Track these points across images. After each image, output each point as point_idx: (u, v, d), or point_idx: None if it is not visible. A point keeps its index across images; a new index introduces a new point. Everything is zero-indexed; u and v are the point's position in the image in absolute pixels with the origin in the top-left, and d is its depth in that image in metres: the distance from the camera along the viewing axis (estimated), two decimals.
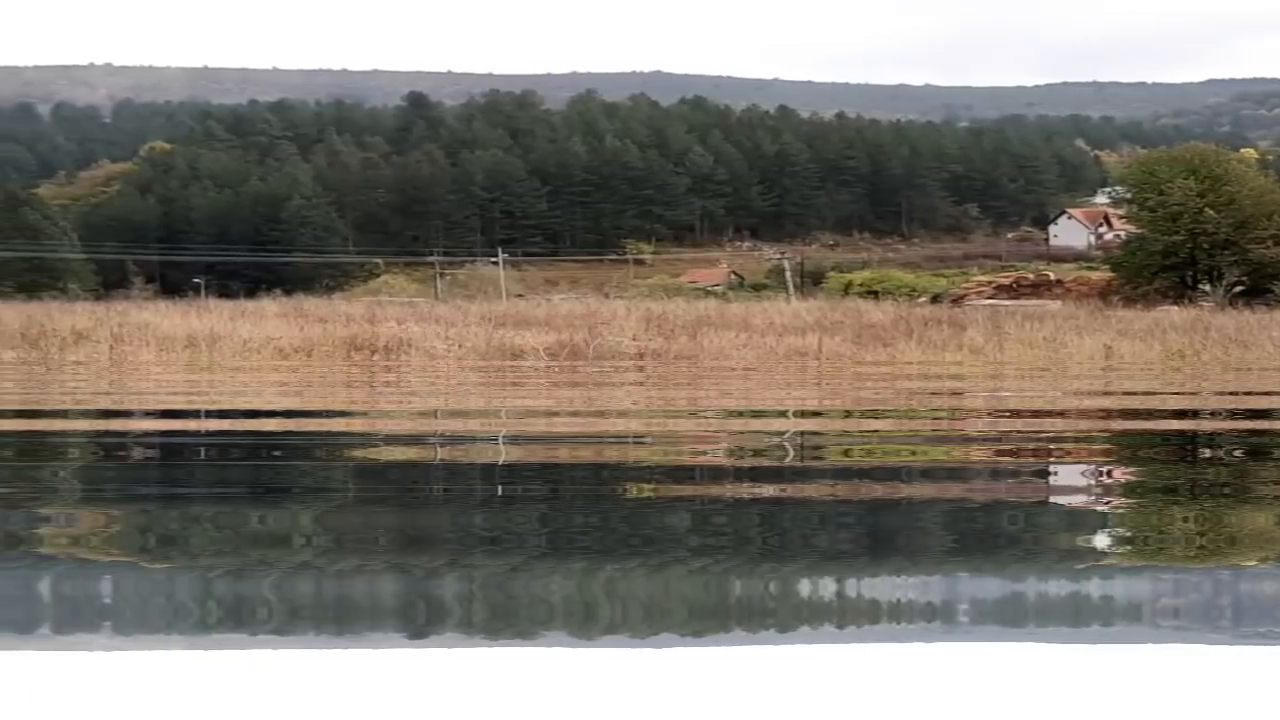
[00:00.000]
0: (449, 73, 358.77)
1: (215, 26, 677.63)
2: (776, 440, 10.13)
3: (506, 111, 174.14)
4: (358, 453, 8.99)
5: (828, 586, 4.49)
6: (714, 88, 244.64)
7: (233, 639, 3.68)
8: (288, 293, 75.73)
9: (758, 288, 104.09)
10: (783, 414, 13.77)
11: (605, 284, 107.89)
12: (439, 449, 9.50)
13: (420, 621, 3.96)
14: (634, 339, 32.77)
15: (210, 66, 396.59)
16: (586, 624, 3.96)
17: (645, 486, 7.24)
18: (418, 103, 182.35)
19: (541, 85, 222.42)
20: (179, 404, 14.85)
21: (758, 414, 13.24)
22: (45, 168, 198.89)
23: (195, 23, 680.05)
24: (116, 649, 3.50)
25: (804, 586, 4.49)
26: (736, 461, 8.70)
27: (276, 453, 9.10)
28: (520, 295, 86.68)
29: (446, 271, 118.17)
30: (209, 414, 13.14)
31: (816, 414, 13.86)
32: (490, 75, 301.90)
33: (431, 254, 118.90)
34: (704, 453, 9.27)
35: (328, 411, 13.82)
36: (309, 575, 4.48)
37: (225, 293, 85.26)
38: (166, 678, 3.19)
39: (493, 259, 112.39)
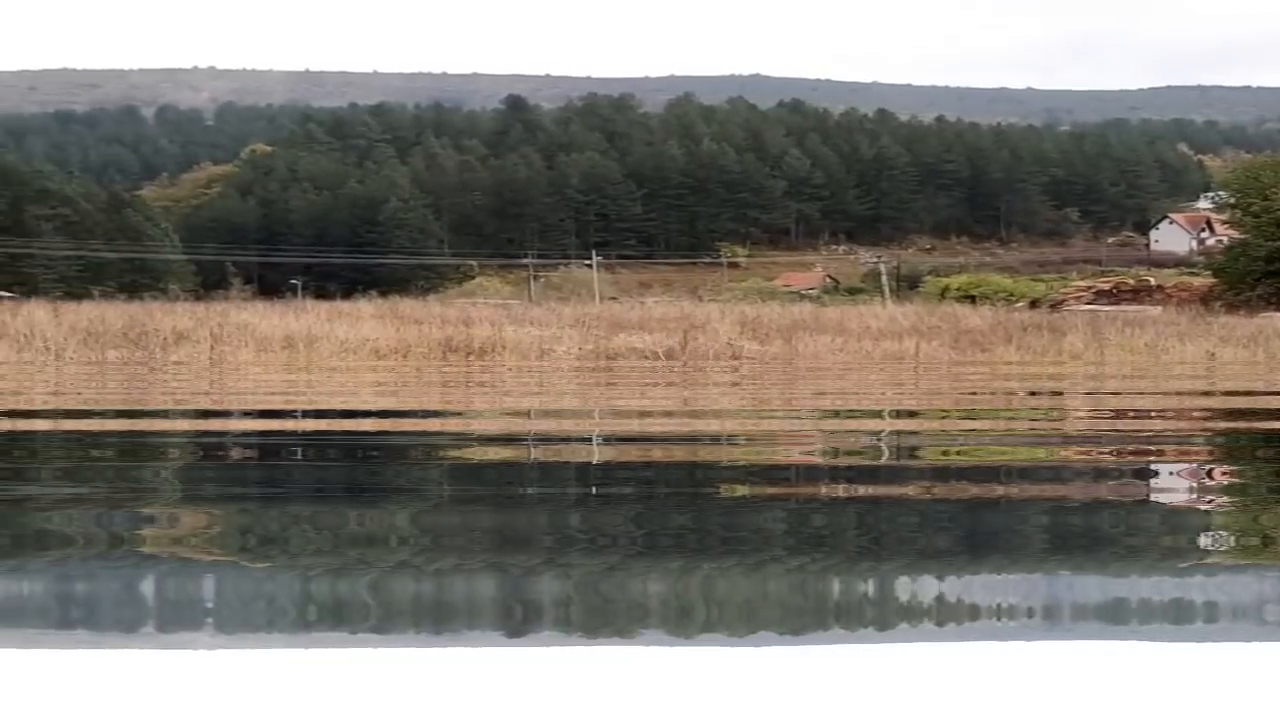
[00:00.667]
0: (547, 76, 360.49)
1: (318, 30, 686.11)
2: (873, 439, 10.03)
3: (604, 114, 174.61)
4: (454, 453, 8.97)
5: (927, 585, 4.44)
6: (812, 91, 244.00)
7: (332, 637, 3.69)
8: (383, 294, 76.23)
9: (853, 292, 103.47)
10: (879, 413, 13.66)
11: (699, 287, 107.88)
12: (534, 449, 9.48)
13: (518, 620, 3.94)
14: (729, 342, 32.72)
15: (312, 70, 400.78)
16: (683, 622, 3.93)
17: (741, 486, 7.18)
18: (516, 106, 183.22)
19: (639, 88, 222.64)
20: (278, 404, 14.93)
21: (854, 414, 13.11)
22: (148, 170, 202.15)
23: (298, 26, 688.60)
24: (220, 647, 3.51)
25: (902, 585, 4.46)
26: (833, 460, 8.61)
27: (374, 452, 9.12)
28: (613, 298, 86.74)
29: (540, 274, 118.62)
30: (307, 414, 13.19)
31: (913, 414, 13.73)
32: (588, 78, 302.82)
33: (526, 256, 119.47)
34: (800, 452, 9.18)
35: (424, 411, 13.86)
36: (407, 574, 4.48)
37: (322, 294, 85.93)
38: (267, 676, 3.22)
39: (586, 261, 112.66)
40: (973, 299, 73.49)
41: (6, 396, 15.84)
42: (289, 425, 11.86)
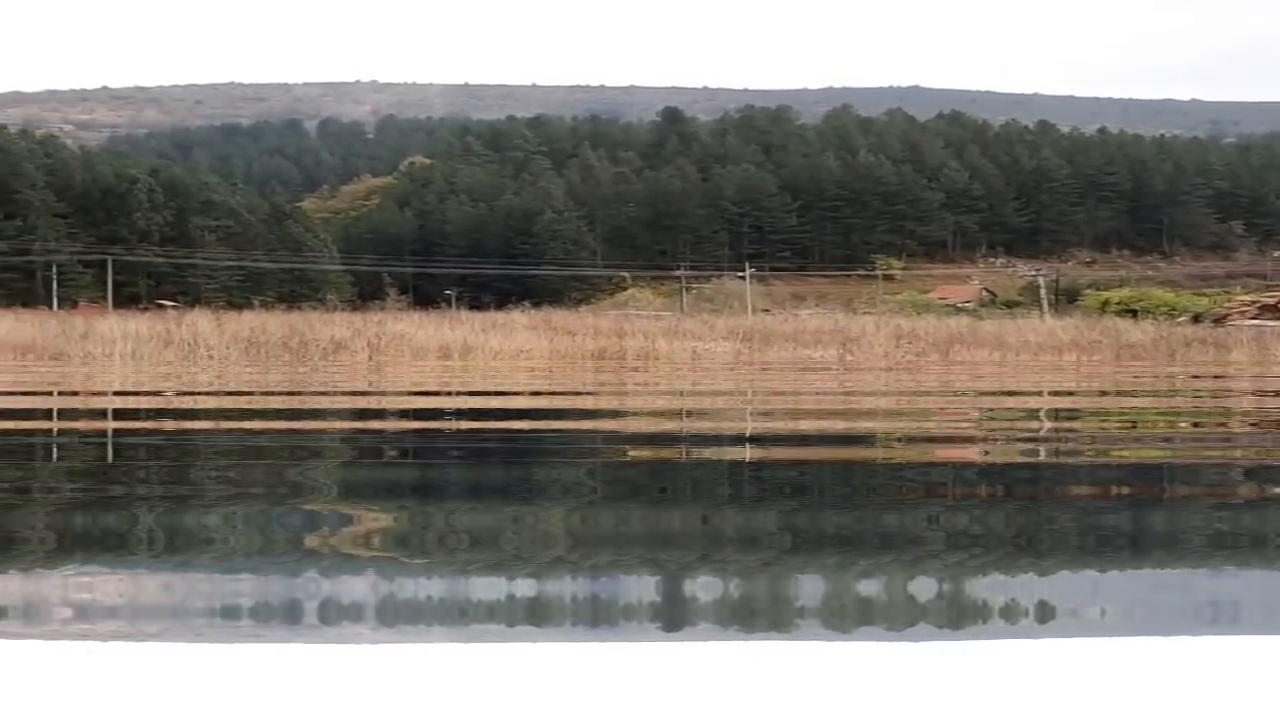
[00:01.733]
0: (705, 88, 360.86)
1: (478, 44, 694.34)
2: (1030, 443, 9.83)
3: (760, 126, 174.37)
4: (609, 452, 8.94)
5: (1086, 581, 4.44)
6: (971, 102, 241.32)
7: (490, 631, 3.71)
8: (536, 305, 76.69)
9: (1010, 305, 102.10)
10: (1037, 415, 13.50)
11: (853, 300, 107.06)
12: (689, 448, 9.42)
13: (674, 615, 3.91)
14: (884, 355, 32.45)
15: (471, 83, 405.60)
16: (840, 618, 3.88)
17: (896, 484, 7.12)
18: (672, 118, 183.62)
19: (797, 100, 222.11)
20: (438, 404, 15.05)
21: (1013, 417, 12.88)
22: (310, 182, 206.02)
23: (459, 40, 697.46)
24: (381, 641, 3.52)
25: (1061, 581, 4.43)
26: (990, 459, 8.46)
27: (530, 451, 9.13)
28: (766, 310, 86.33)
29: (693, 285, 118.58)
30: (462, 415, 13.27)
31: (1074, 415, 13.48)
32: (746, 90, 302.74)
33: (679, 268, 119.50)
34: (957, 450, 9.13)
35: (578, 411, 13.85)
36: (563, 569, 4.49)
37: (476, 304, 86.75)
38: (429, 670, 3.24)
39: (740, 273, 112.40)
40: (1134, 313, 72.06)
41: (181, 397, 16.15)
42: (447, 426, 11.91)
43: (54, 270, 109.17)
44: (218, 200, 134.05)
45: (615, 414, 13.51)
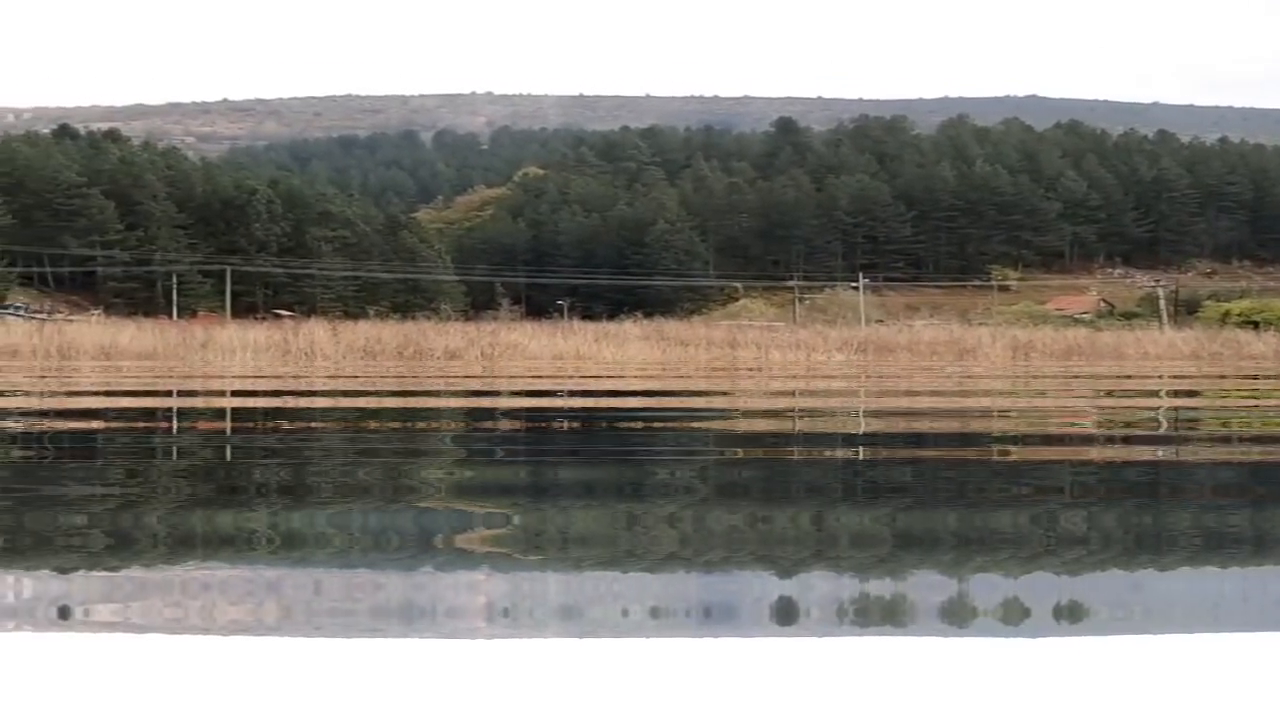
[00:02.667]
0: (819, 98, 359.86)
1: (593, 55, 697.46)
2: (1151, 447, 9.59)
3: (875, 136, 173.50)
4: (719, 451, 8.87)
5: (1205, 577, 4.42)
6: (1089, 112, 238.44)
7: (605, 626, 3.71)
8: (648, 315, 76.72)
9: (1128, 316, 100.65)
10: (1155, 417, 13.27)
11: (968, 310, 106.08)
12: (800, 446, 9.33)
13: (787, 610, 3.84)
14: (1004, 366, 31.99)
15: (586, 94, 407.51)
16: (957, 614, 3.82)
17: (1013, 482, 7.03)
18: (786, 128, 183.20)
19: (912, 110, 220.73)
20: (548, 410, 15.04)
21: (1131, 422, 12.62)
22: (425, 193, 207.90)
23: (574, 52, 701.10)
24: (496, 637, 3.53)
25: (1179, 577, 4.42)
26: (1108, 459, 8.38)
27: (641, 452, 9.06)
28: (880, 320, 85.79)
29: (806, 296, 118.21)
30: (573, 417, 13.23)
31: (1193, 420, 13.17)
32: (860, 100, 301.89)
33: (791, 278, 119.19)
34: (1075, 449, 9.01)
35: (690, 411, 13.75)
36: (678, 566, 4.50)
37: (588, 315, 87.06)
38: (545, 667, 3.24)
39: (853, 284, 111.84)
40: (1255, 325, 70.61)
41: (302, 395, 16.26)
42: (560, 429, 11.86)
43: (174, 280, 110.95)
44: (334, 211, 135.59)
45: (741, 415, 13.48)
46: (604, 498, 6.26)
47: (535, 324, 70.38)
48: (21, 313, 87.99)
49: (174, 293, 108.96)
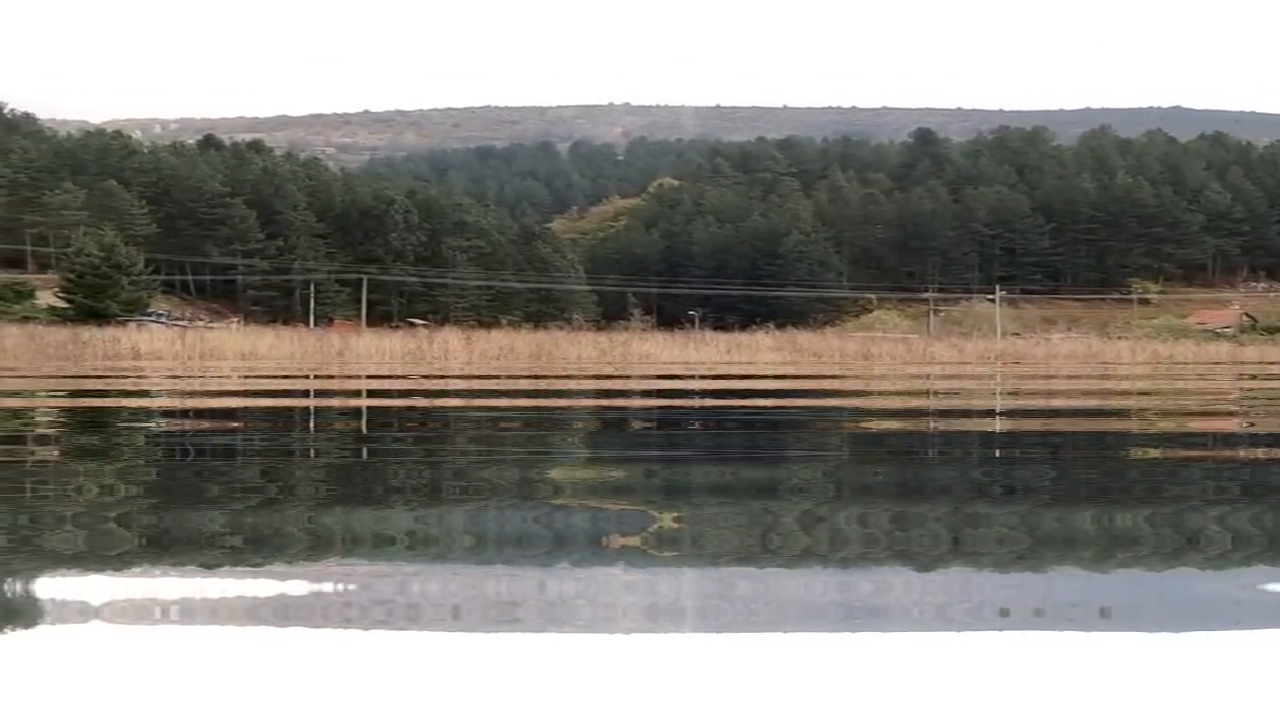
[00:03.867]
0: (958, 109, 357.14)
1: (730, 66, 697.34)
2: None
3: (1015, 148, 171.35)
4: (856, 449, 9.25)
5: None
6: (1235, 123, 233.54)
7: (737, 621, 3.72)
8: (780, 327, 76.34)
9: (1272, 330, 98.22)
10: None
11: (1107, 324, 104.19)
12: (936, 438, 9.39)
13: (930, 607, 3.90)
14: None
15: (723, 105, 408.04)
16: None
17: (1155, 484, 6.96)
18: (924, 139, 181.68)
19: (1053, 121, 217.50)
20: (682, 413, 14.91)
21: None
22: (559, 203, 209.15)
23: (712, 63, 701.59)
24: (635, 631, 3.57)
25: None
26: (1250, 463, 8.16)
27: (779, 450, 9.27)
28: (1016, 333, 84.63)
29: (941, 308, 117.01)
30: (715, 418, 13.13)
31: None
32: (1000, 111, 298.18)
33: (926, 290, 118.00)
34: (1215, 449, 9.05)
35: (830, 411, 13.58)
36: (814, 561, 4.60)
37: (720, 325, 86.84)
38: (685, 661, 3.22)
39: (989, 295, 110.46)
40: None
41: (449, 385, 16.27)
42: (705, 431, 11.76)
43: (311, 288, 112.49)
44: (470, 221, 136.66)
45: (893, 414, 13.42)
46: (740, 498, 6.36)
47: (667, 334, 70.29)
48: (163, 320, 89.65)
49: (311, 301, 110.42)
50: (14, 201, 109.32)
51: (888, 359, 48.93)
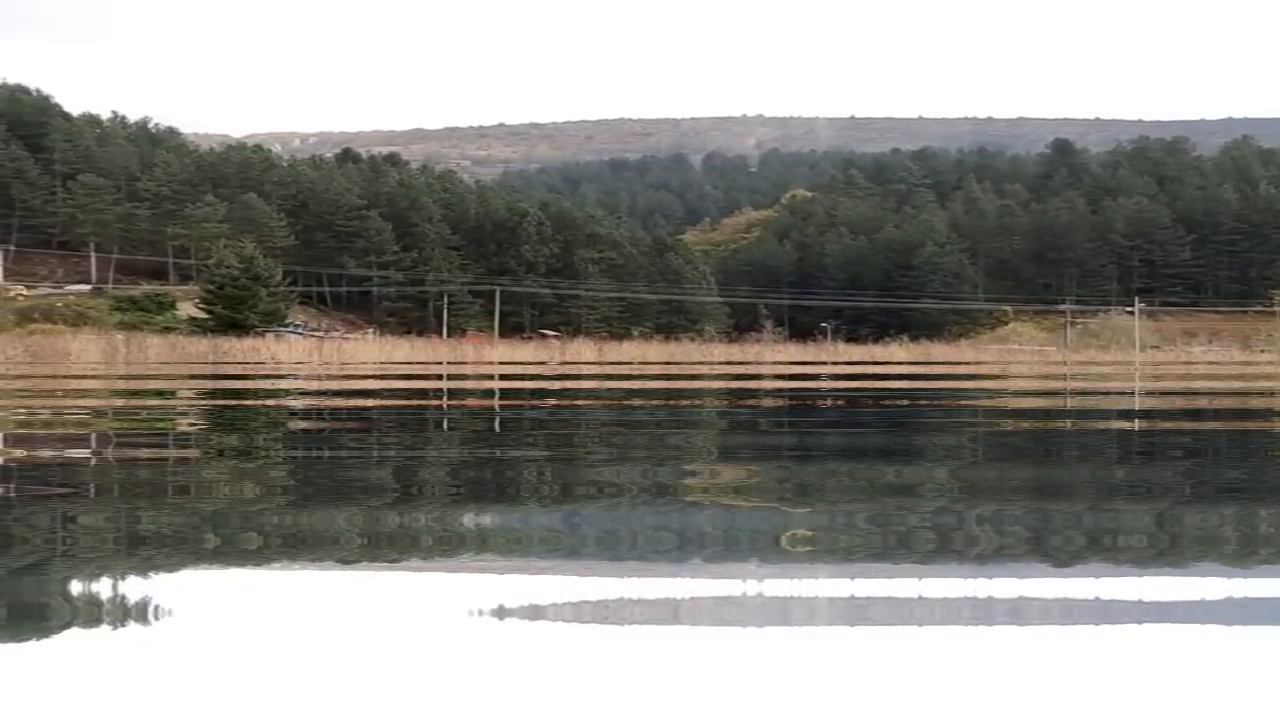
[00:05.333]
0: (1096, 119, 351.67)
1: (865, 78, 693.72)
2: None
3: (1154, 158, 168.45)
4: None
5: None
6: None
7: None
8: (914, 339, 75.75)
9: None
10: None
11: (1250, 337, 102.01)
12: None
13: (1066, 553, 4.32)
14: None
15: (857, 116, 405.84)
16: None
17: None
18: (1062, 150, 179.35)
19: (1194, 131, 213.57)
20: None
21: None
22: (692, 214, 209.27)
23: (847, 75, 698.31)
24: (767, 577, 3.97)
25: None
26: None
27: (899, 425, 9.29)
28: (1155, 346, 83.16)
29: (1078, 320, 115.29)
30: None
31: None
32: (1140, 122, 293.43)
33: (1063, 302, 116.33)
34: None
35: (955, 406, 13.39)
36: (949, 516, 4.97)
37: (853, 337, 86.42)
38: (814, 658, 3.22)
39: (1128, 308, 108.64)
40: None
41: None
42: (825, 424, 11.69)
43: (445, 300, 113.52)
44: (602, 233, 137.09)
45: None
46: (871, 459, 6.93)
47: (799, 345, 69.96)
48: (300, 331, 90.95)
49: (444, 312, 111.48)
50: (157, 214, 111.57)
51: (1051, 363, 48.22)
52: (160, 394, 17.99)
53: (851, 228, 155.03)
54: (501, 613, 3.53)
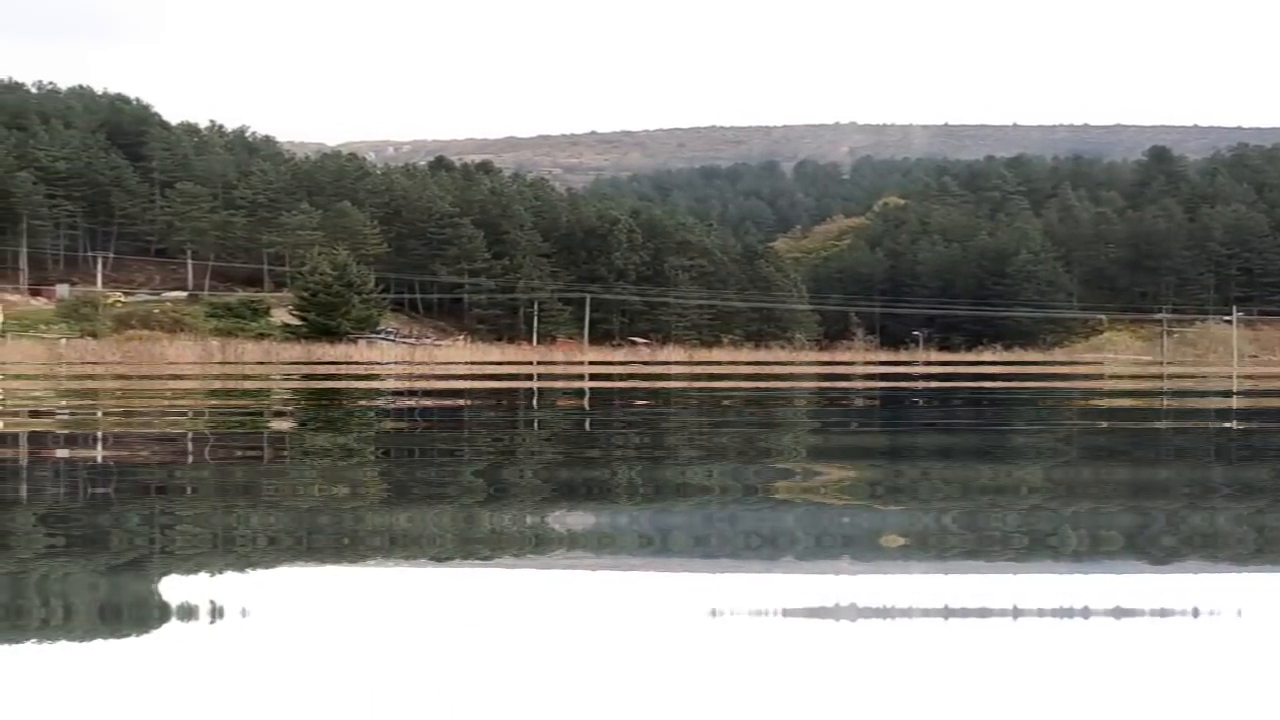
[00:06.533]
0: (1195, 126, 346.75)
1: (960, 85, 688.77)
2: None
3: (1253, 166, 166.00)
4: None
5: None
6: None
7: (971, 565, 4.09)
8: (1007, 347, 75.16)
9: None
10: None
11: None
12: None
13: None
14: None
15: (951, 124, 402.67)
16: None
17: None
18: (1159, 157, 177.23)
19: None
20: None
21: None
22: (783, 222, 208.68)
23: (941, 82, 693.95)
24: (858, 573, 4.02)
25: None
26: None
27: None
28: (1253, 355, 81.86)
29: (1175, 329, 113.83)
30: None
31: None
32: (1239, 129, 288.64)
33: (1159, 311, 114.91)
34: None
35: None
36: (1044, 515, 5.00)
37: (945, 345, 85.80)
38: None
39: (1226, 317, 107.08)
40: None
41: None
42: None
43: (535, 307, 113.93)
44: (693, 241, 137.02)
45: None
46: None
47: (890, 354, 69.50)
48: (392, 337, 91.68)
49: (534, 319, 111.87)
50: (253, 222, 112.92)
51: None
52: (281, 396, 18.29)
53: (944, 235, 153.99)
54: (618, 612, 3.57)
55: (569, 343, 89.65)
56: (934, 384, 23.60)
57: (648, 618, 3.47)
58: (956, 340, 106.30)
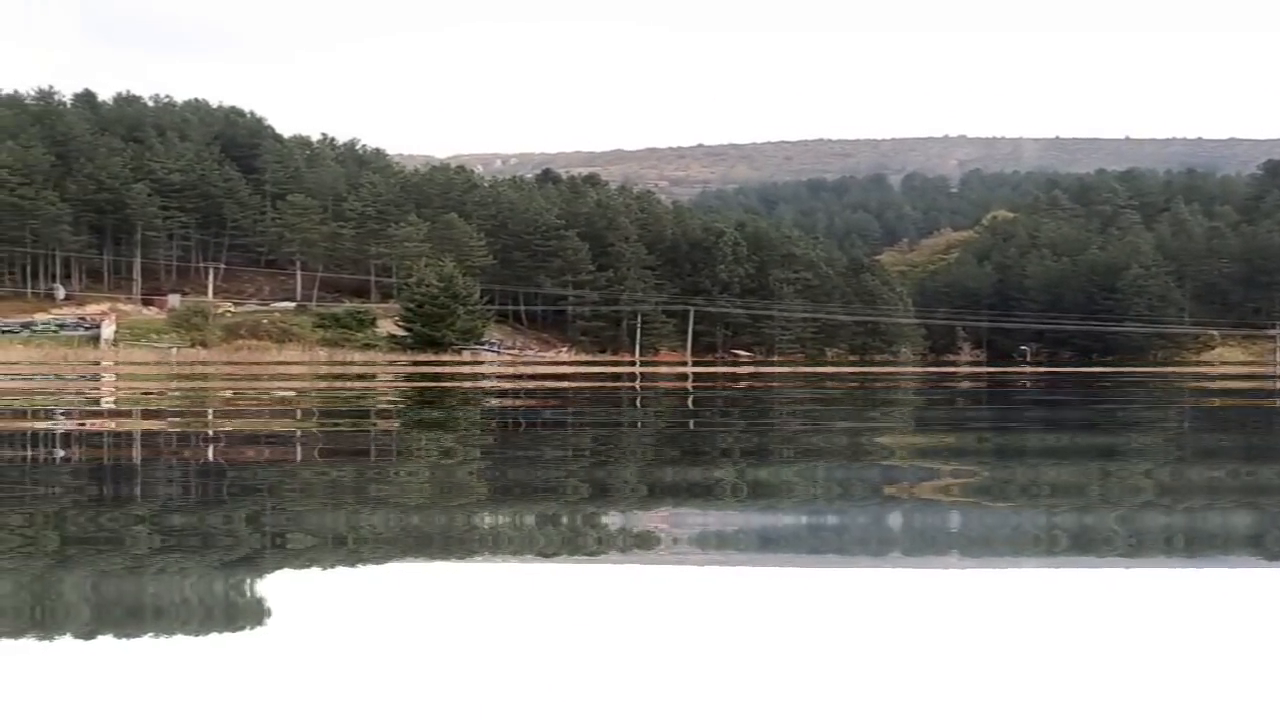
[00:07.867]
0: None
1: (1070, 99, 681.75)
2: None
3: None
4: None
5: None
6: None
7: (1080, 560, 4.14)
8: (1118, 362, 73.97)
9: None
10: None
11: None
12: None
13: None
14: None
15: (1061, 137, 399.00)
16: None
17: None
18: (1274, 171, 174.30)
19: None
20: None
21: None
22: (890, 235, 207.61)
23: (1052, 95, 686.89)
24: (957, 568, 4.04)
25: None
26: None
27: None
28: None
29: None
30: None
31: None
32: None
33: (1273, 326, 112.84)
34: None
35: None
36: (1157, 510, 5.08)
37: (1054, 360, 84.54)
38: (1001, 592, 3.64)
39: None
40: None
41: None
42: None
43: (638, 319, 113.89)
44: (798, 254, 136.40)
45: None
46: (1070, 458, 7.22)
47: (996, 369, 68.79)
48: (495, 348, 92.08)
49: (637, 331, 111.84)
50: (362, 234, 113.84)
51: None
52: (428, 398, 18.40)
53: (1054, 249, 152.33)
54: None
55: (672, 354, 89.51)
56: (1111, 395, 23.28)
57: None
58: (1065, 354, 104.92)
